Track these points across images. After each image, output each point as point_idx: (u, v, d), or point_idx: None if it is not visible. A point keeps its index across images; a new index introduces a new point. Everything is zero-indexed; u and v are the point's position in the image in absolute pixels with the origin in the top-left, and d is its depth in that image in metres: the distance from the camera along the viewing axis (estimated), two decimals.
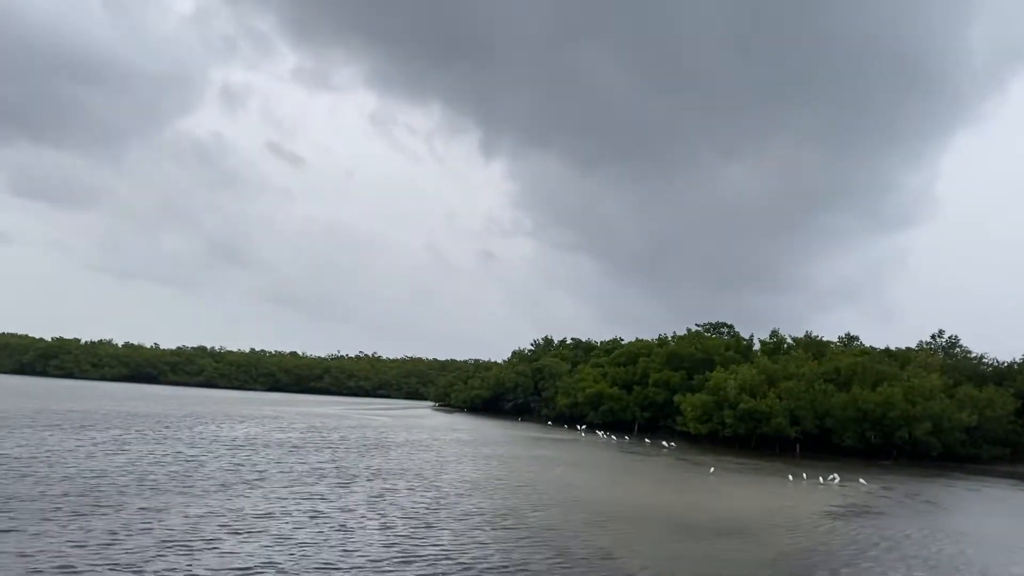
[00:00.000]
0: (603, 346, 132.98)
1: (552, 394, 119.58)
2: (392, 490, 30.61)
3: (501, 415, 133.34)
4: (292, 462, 38.25)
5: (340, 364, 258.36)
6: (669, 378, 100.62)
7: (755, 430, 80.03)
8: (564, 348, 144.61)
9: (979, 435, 77.43)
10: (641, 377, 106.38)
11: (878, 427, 75.96)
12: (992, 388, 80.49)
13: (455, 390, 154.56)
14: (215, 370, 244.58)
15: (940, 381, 79.60)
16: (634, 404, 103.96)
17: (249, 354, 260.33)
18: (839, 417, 77.18)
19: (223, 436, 52.00)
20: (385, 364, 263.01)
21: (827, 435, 79.23)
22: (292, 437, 56.18)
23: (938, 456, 76.11)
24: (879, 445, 76.78)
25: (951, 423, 74.52)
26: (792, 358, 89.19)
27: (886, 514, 34.63)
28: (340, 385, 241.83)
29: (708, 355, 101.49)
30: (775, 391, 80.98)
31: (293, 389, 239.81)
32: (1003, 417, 77.70)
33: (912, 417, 74.09)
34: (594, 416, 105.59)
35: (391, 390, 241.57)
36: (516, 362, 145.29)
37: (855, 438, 76.74)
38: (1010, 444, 79.80)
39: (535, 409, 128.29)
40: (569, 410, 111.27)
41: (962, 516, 36.08)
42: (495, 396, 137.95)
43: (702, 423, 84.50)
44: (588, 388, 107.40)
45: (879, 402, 75.09)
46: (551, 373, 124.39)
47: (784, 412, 78.37)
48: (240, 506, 24.10)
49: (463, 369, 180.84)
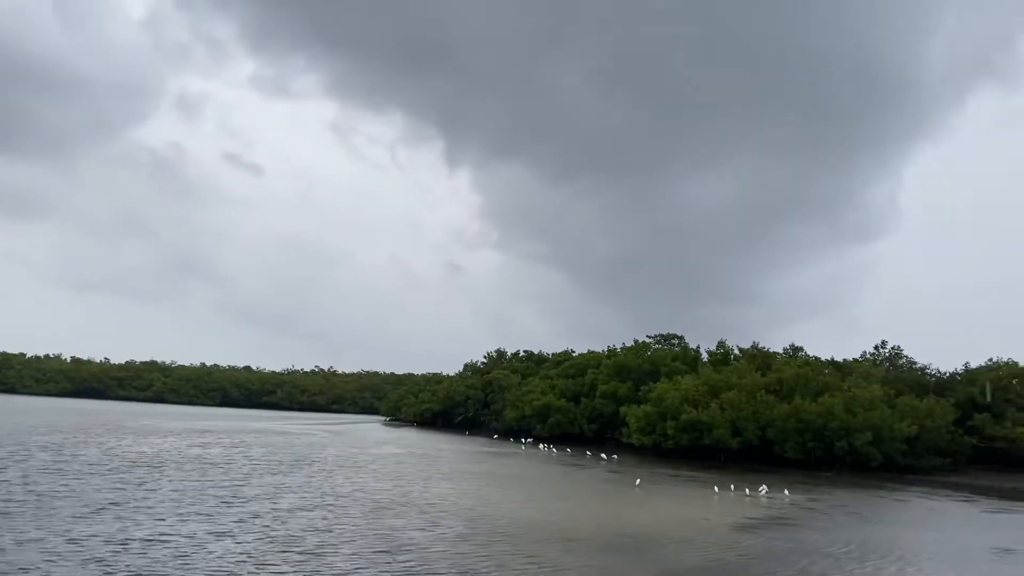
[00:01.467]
0: (554, 358, 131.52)
1: (501, 407, 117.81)
2: (273, 511, 28.68)
3: (451, 429, 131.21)
4: (184, 479, 36.13)
5: (294, 379, 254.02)
6: (616, 389, 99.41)
7: (697, 441, 79.02)
8: (516, 360, 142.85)
9: (919, 445, 77.15)
10: (589, 389, 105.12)
11: (819, 438, 75.36)
12: (932, 399, 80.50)
13: (406, 404, 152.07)
14: (164, 385, 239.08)
15: (881, 391, 79.36)
16: (582, 416, 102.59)
17: (200, 368, 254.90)
18: (780, 428, 76.48)
19: (132, 452, 49.57)
20: (340, 379, 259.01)
21: (769, 446, 78.47)
22: (209, 453, 53.87)
23: (879, 467, 75.63)
24: (821, 456, 76.11)
25: (891, 433, 74.14)
26: (735, 369, 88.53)
27: (798, 526, 33.47)
28: (293, 400, 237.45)
29: (655, 366, 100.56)
30: (718, 402, 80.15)
31: (245, 404, 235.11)
32: (943, 427, 77.58)
33: (852, 428, 73.62)
34: (542, 429, 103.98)
35: (345, 405, 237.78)
36: (468, 375, 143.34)
37: (796, 449, 76.03)
38: (950, 454, 79.75)
39: (485, 423, 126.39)
40: (517, 423, 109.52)
41: (878, 527, 35.02)
42: (445, 410, 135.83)
43: (645, 435, 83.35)
44: (536, 401, 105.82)
45: (819, 413, 74.57)
46: (500, 386, 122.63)
47: (726, 423, 77.51)
48: (85, 530, 22.07)
49: (417, 383, 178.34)
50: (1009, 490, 64.24)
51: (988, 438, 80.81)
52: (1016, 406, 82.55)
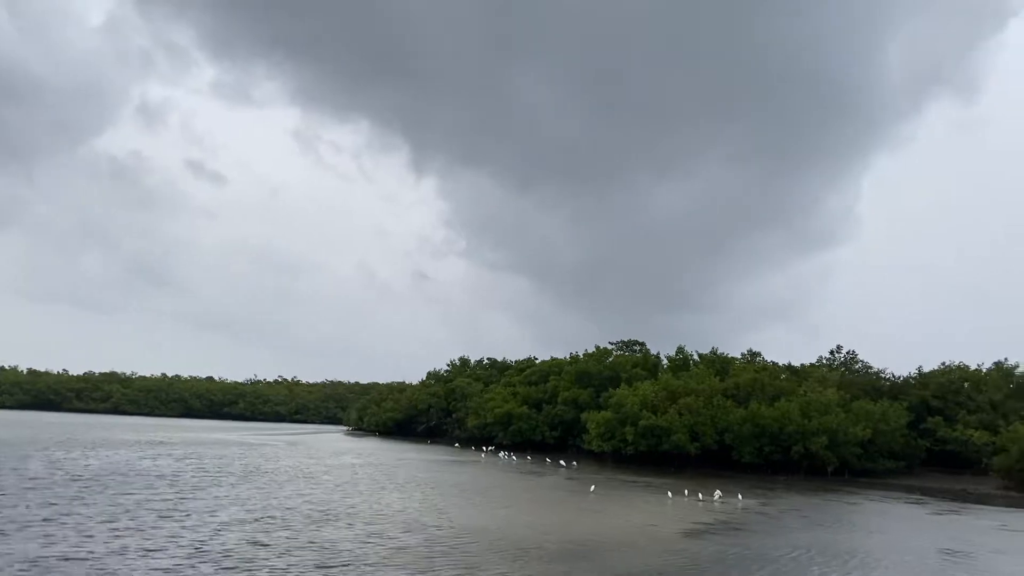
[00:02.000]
0: (517, 365, 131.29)
1: (463, 415, 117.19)
2: (212, 525, 27.95)
3: (414, 438, 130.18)
4: (126, 493, 35.13)
5: (256, 389, 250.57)
6: (578, 396, 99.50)
7: (656, 447, 79.23)
8: (479, 368, 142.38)
9: (874, 449, 78.20)
10: (551, 396, 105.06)
11: (775, 442, 76.02)
12: (886, 402, 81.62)
13: (368, 413, 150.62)
14: (123, 396, 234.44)
15: (836, 396, 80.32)
16: (543, 423, 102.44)
17: (160, 379, 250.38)
18: (737, 433, 76.99)
19: (77, 465, 48.21)
20: (304, 389, 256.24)
21: (727, 451, 78.95)
22: (159, 465, 52.60)
23: (835, 470, 76.55)
24: (778, 460, 76.76)
25: (846, 437, 75.05)
26: (694, 374, 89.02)
27: (747, 531, 33.49)
28: (255, 410, 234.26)
29: (616, 373, 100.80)
30: (676, 407, 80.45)
31: (207, 415, 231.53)
32: (896, 430, 78.72)
33: (808, 432, 74.37)
34: (503, 436, 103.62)
35: (309, 415, 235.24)
36: (430, 384, 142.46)
37: (753, 454, 76.59)
38: (904, 457, 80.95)
39: (448, 431, 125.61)
40: (479, 431, 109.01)
41: (827, 531, 35.21)
42: (408, 419, 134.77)
43: (605, 441, 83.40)
44: (497, 408, 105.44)
45: (776, 417, 75.25)
46: (463, 394, 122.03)
47: (684, 428, 77.83)
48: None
49: (381, 392, 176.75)
50: (959, 491, 65.25)
51: (940, 440, 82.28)
52: (967, 409, 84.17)
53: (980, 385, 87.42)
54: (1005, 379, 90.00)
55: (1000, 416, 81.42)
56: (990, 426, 79.48)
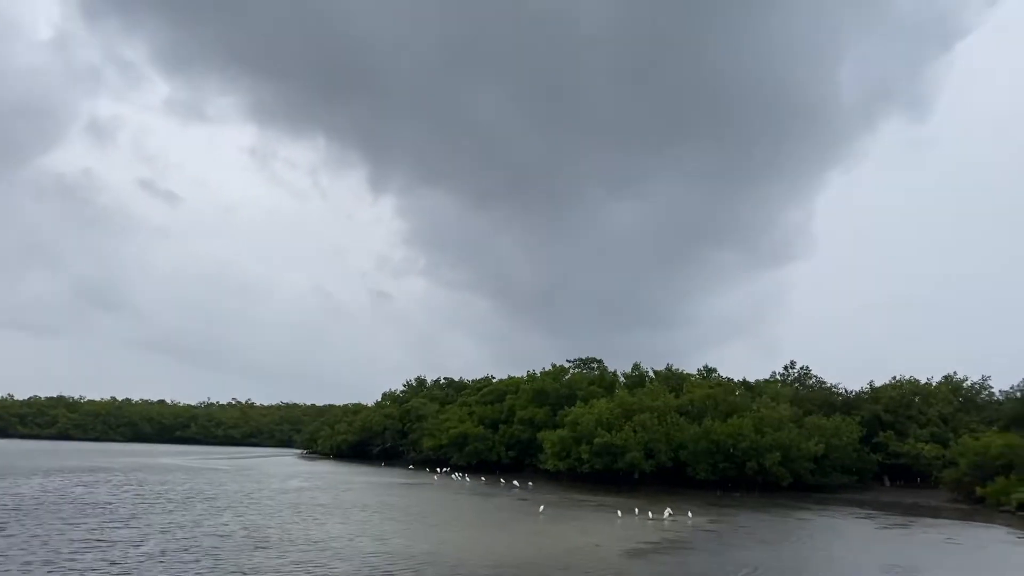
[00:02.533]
0: (474, 384, 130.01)
1: (418, 437, 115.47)
2: (134, 556, 26.55)
3: (368, 461, 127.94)
4: (51, 523, 33.45)
5: (209, 412, 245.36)
6: (534, 415, 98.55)
7: (612, 465, 78.54)
8: (436, 388, 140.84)
9: (827, 464, 78.46)
10: (508, 415, 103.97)
11: (730, 459, 75.87)
12: (839, 417, 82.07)
13: (322, 436, 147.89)
14: (70, 421, 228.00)
15: (789, 411, 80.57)
16: (500, 443, 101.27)
17: (109, 403, 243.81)
18: (692, 450, 76.73)
19: (7, 494, 46.07)
20: (258, 411, 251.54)
21: (682, 468, 78.60)
22: (94, 492, 50.65)
23: (789, 486, 76.47)
24: (732, 477, 76.55)
25: (799, 452, 75.16)
26: (649, 391, 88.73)
27: (692, 549, 32.86)
28: (208, 434, 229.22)
29: (572, 391, 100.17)
30: (631, 425, 79.97)
31: (158, 439, 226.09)
32: (849, 445, 79.11)
33: (761, 448, 74.33)
34: (459, 458, 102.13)
35: (263, 438, 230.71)
36: (386, 405, 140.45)
37: (708, 470, 76.30)
38: (857, 471, 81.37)
39: (403, 453, 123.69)
40: (435, 453, 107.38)
41: (773, 548, 34.75)
42: (362, 441, 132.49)
43: (560, 460, 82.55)
44: (453, 429, 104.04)
45: (729, 433, 75.14)
46: (418, 415, 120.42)
47: (639, 446, 77.35)
48: None
49: (335, 414, 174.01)
50: (910, 505, 65.56)
51: (893, 454, 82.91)
52: (918, 423, 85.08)
53: (930, 399, 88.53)
54: (954, 393, 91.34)
55: (950, 429, 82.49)
56: (940, 439, 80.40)
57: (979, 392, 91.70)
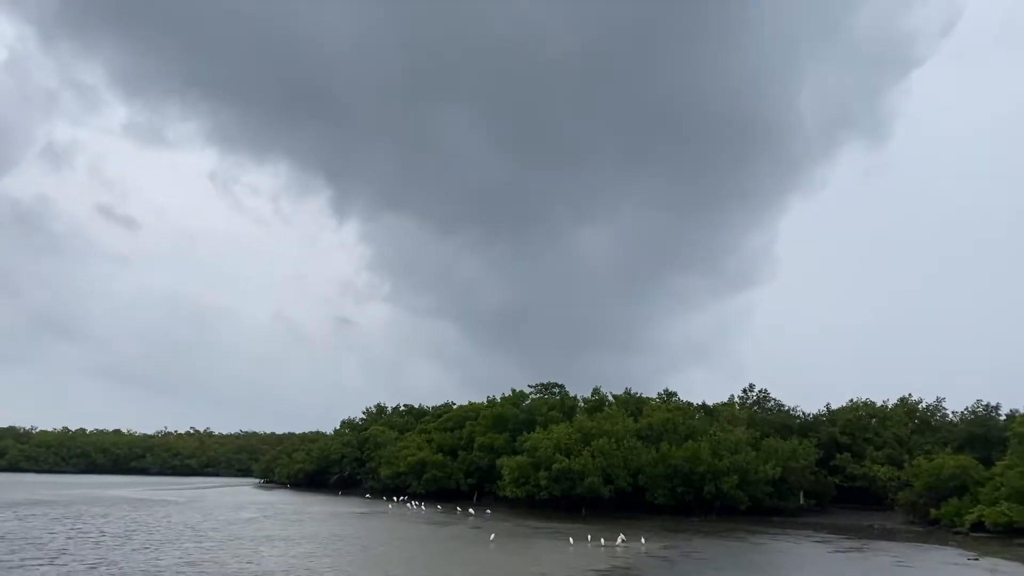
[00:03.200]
0: (434, 411, 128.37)
1: (376, 465, 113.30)
2: None
3: (326, 489, 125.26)
4: None
5: (166, 442, 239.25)
6: (493, 441, 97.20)
7: (570, 491, 77.50)
8: (396, 415, 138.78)
9: (785, 487, 78.32)
10: (467, 442, 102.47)
11: (687, 483, 75.32)
12: (796, 440, 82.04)
13: (279, 465, 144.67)
14: (20, 452, 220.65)
15: (746, 434, 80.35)
16: (459, 471, 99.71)
17: (61, 434, 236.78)
18: (650, 474, 76.11)
19: None
20: (216, 440, 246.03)
21: (641, 493, 77.90)
22: (27, 527, 48.46)
23: (747, 510, 76.05)
24: (691, 501, 75.96)
25: (757, 476, 74.88)
26: (607, 415, 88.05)
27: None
28: (164, 464, 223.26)
29: (532, 416, 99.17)
30: (589, 450, 79.11)
31: (112, 470, 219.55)
32: (806, 468, 79.05)
33: (719, 471, 73.90)
34: (417, 486, 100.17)
35: (221, 468, 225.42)
36: (344, 433, 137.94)
37: (666, 495, 75.68)
38: (815, 494, 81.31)
39: (361, 481, 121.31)
40: (392, 481, 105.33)
41: (721, 574, 34.02)
42: (320, 470, 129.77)
43: (519, 486, 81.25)
44: (411, 456, 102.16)
45: (686, 457, 74.66)
46: (376, 442, 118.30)
47: (597, 471, 76.48)
48: None
49: (293, 442, 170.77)
50: (866, 528, 65.50)
51: (850, 477, 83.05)
52: (874, 445, 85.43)
53: (886, 421, 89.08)
54: (910, 415, 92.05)
55: (906, 451, 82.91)
56: (896, 461, 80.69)
57: (934, 414, 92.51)
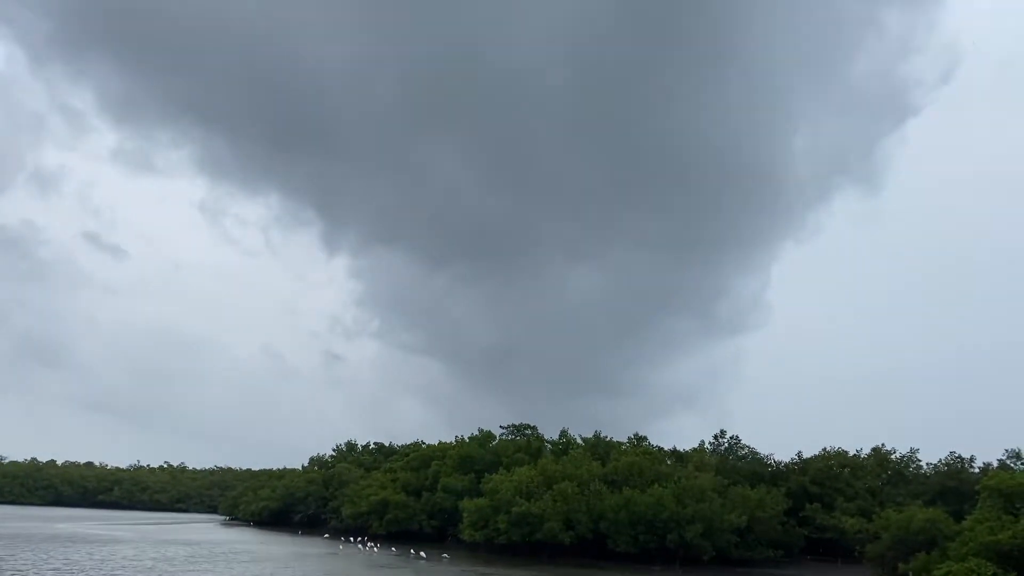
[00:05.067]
0: (403, 450, 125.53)
1: (340, 503, 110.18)
2: None
3: (290, 528, 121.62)
4: None
5: (136, 476, 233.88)
6: (458, 482, 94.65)
7: (530, 536, 75.07)
8: (365, 453, 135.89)
9: (752, 537, 75.93)
10: (432, 482, 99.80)
11: (651, 530, 72.87)
12: (763, 488, 79.77)
13: (244, 501, 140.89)
14: None
15: (712, 481, 78.01)
16: (421, 512, 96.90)
17: (29, 465, 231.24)
18: (613, 520, 73.69)
19: None
20: (189, 476, 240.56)
21: (603, 540, 75.35)
22: None
23: (711, 560, 73.56)
24: (653, 549, 73.42)
25: (722, 525, 72.53)
26: (572, 458, 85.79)
27: None
28: (132, 499, 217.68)
29: (498, 457, 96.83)
30: (552, 493, 76.76)
31: (80, 503, 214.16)
32: (773, 518, 76.71)
33: (683, 519, 71.60)
34: (379, 526, 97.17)
35: (191, 503, 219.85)
36: (312, 469, 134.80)
37: (629, 542, 73.20)
38: (783, 545, 78.86)
39: (326, 520, 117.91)
40: (354, 520, 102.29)
41: None
42: (285, 507, 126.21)
43: (478, 530, 78.78)
44: (373, 496, 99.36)
45: (650, 504, 72.32)
46: (341, 480, 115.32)
47: (558, 516, 74.12)
48: None
49: (260, 479, 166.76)
50: None
51: (820, 528, 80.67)
52: (845, 495, 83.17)
53: (858, 471, 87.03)
54: (882, 466, 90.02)
55: (877, 503, 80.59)
56: (867, 513, 78.25)
57: (907, 465, 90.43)
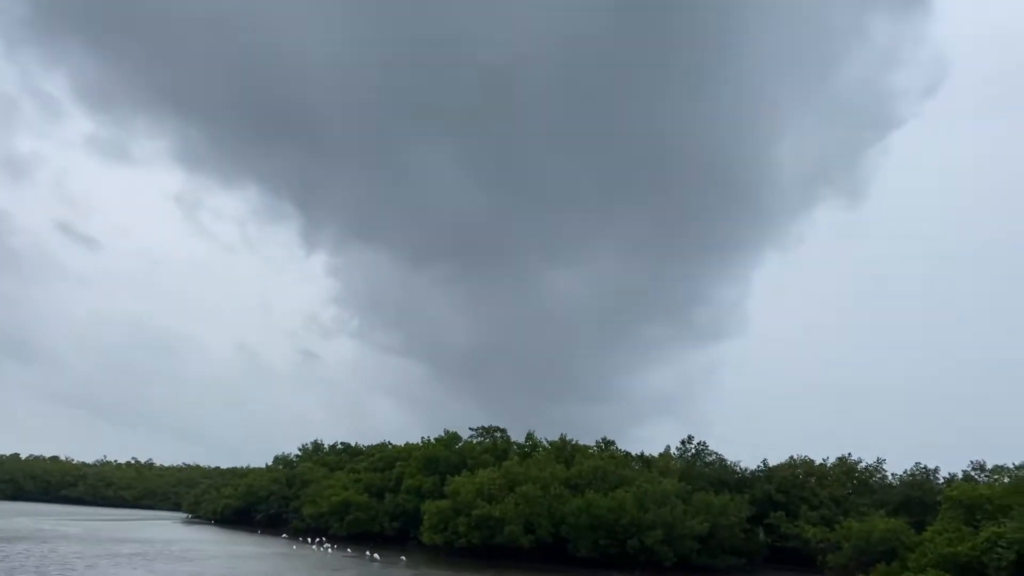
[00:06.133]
0: (370, 450, 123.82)
1: (302, 503, 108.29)
2: None
3: (251, 527, 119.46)
4: None
5: (100, 471, 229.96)
6: (422, 484, 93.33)
7: (490, 539, 73.82)
8: (331, 453, 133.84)
9: (714, 543, 75.02)
10: (396, 483, 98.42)
11: (611, 535, 71.82)
12: (727, 495, 79.01)
13: (206, 499, 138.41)
14: None
15: (675, 487, 77.12)
16: (384, 513, 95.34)
17: None
18: (573, 524, 72.55)
19: None
20: (156, 472, 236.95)
21: (564, 544, 74.19)
22: None
23: (673, 567, 72.55)
24: (614, 555, 72.33)
25: (684, 531, 71.60)
26: (536, 460, 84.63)
27: None
28: (96, 494, 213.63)
29: (464, 459, 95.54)
30: (513, 497, 75.55)
31: (40, 498, 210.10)
32: (736, 525, 75.90)
33: (644, 524, 70.61)
34: (340, 527, 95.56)
35: (157, 501, 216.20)
36: (277, 468, 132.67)
37: (589, 547, 72.10)
38: (745, 553, 78.02)
39: (288, 521, 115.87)
40: (314, 521, 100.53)
41: None
42: (247, 506, 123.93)
43: (437, 532, 77.28)
44: (335, 496, 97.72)
45: (611, 508, 71.31)
46: (304, 480, 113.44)
47: (519, 519, 72.91)
48: None
49: (224, 477, 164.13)
50: None
51: (783, 536, 80.00)
52: (809, 504, 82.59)
53: (823, 480, 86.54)
54: (848, 475, 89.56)
55: (842, 512, 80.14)
56: (831, 522, 77.74)
57: (872, 475, 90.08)
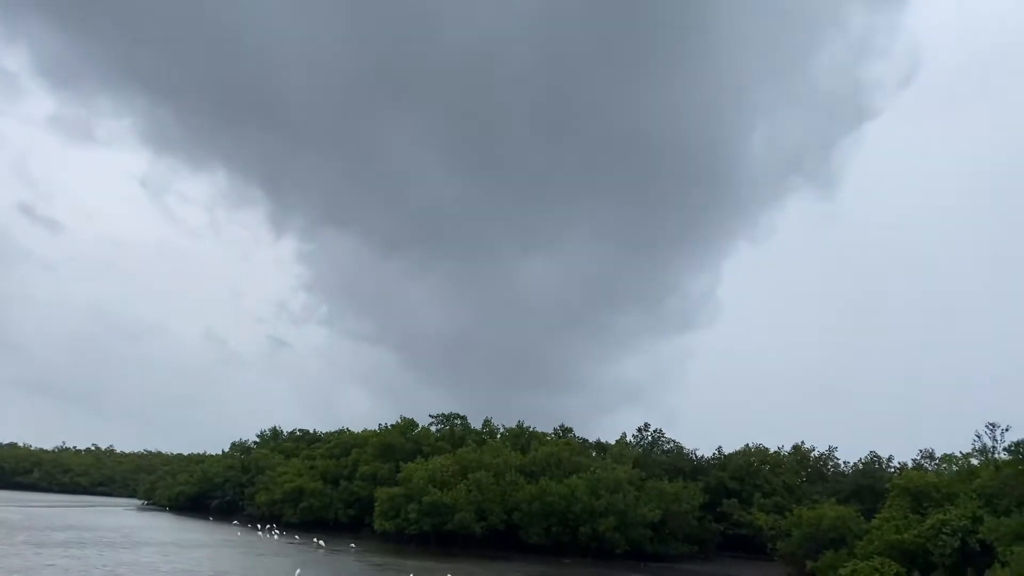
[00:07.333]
0: (327, 437, 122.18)
1: (256, 490, 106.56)
2: None
3: (206, 514, 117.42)
4: None
5: (59, 458, 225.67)
6: (377, 471, 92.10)
7: (442, 526, 72.94)
8: (289, 440, 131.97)
9: (666, 531, 74.92)
10: (351, 470, 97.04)
11: (563, 522, 71.33)
12: (680, 483, 78.78)
13: (161, 486, 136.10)
14: None
15: (628, 474, 76.71)
16: (338, 500, 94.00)
17: None
18: (525, 511, 71.97)
19: None
20: (115, 459, 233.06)
21: (516, 531, 73.57)
22: None
23: (624, 554, 72.26)
24: (566, 542, 71.87)
25: (636, 518, 71.30)
26: (491, 447, 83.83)
27: None
28: (52, 481, 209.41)
29: (419, 445, 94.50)
30: (466, 483, 74.68)
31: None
32: (689, 512, 75.77)
33: (596, 511, 70.14)
34: (293, 514, 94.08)
35: (115, 487, 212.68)
36: (233, 454, 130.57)
37: (541, 534, 71.58)
38: (698, 541, 78.05)
39: (243, 508, 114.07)
40: (268, 508, 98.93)
41: None
42: (202, 493, 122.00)
43: (389, 519, 76.21)
44: (288, 483, 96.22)
45: (563, 495, 70.73)
46: (259, 467, 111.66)
47: (471, 506, 72.10)
48: None
49: (182, 463, 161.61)
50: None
51: (736, 524, 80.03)
52: (763, 491, 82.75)
53: (777, 468, 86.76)
54: (801, 462, 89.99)
55: (795, 500, 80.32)
56: (783, 509, 77.79)
57: (826, 463, 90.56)
